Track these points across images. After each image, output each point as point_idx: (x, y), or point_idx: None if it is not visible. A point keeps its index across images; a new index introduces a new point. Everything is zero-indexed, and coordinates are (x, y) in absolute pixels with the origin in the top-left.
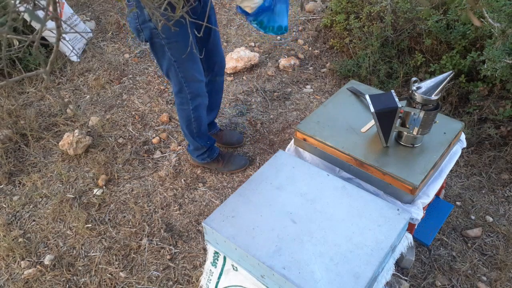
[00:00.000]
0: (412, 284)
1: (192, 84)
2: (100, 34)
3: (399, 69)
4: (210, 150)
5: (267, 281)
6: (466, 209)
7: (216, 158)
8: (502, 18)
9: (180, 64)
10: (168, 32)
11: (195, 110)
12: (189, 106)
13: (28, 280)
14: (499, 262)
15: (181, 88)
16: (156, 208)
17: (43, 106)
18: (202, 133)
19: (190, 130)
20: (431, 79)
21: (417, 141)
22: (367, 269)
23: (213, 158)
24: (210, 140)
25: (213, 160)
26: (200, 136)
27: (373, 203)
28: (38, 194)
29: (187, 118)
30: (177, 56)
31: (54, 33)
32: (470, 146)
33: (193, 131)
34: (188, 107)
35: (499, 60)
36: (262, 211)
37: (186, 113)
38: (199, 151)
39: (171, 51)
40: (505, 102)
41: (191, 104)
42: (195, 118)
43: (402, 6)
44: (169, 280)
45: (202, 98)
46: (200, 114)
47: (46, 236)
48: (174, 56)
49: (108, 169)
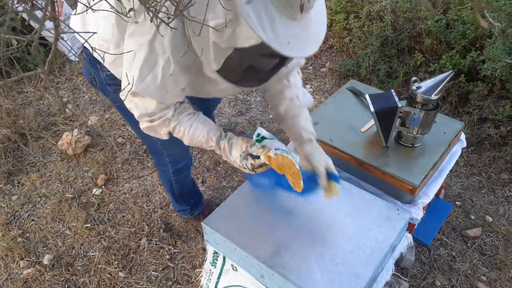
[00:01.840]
0: (412, 284)
1: (171, 147)
2: None
3: (399, 69)
4: (192, 208)
5: (266, 281)
6: (466, 209)
7: (198, 216)
8: (502, 18)
9: None
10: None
11: (176, 173)
12: (169, 168)
13: (27, 280)
14: (499, 262)
15: (157, 150)
16: (156, 207)
17: (42, 105)
18: (185, 194)
19: (171, 190)
20: (431, 79)
21: (417, 141)
22: (367, 269)
23: (194, 215)
24: (195, 198)
25: (194, 216)
26: (183, 198)
27: (373, 203)
28: (37, 194)
29: (167, 179)
30: None
31: (52, 33)
32: (470, 146)
33: (174, 192)
34: (167, 169)
35: (499, 59)
36: (262, 211)
37: (166, 174)
38: (180, 207)
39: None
40: (505, 102)
41: (170, 167)
42: (176, 181)
43: (402, 6)
44: (168, 280)
45: (186, 161)
46: (183, 177)
47: (45, 236)
48: None
49: (107, 169)
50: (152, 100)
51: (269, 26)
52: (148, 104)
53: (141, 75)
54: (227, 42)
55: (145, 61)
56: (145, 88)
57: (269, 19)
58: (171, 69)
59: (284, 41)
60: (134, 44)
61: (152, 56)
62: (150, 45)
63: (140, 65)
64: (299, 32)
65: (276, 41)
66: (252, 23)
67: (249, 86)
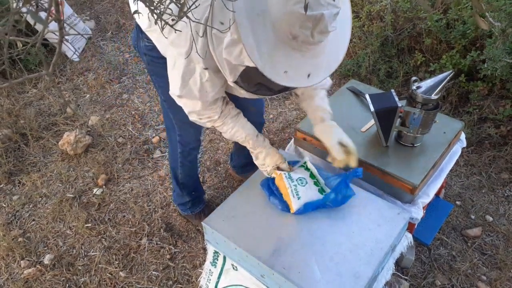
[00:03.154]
0: (412, 283)
1: (185, 129)
2: (99, 34)
3: (399, 69)
4: (193, 203)
5: (267, 280)
6: (466, 208)
7: (198, 214)
8: (502, 18)
9: (171, 105)
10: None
11: (184, 155)
12: (177, 148)
13: (28, 279)
14: (499, 261)
15: (170, 126)
16: (156, 207)
17: (42, 105)
18: (188, 184)
19: (175, 176)
20: (431, 79)
21: (417, 140)
22: (367, 269)
23: (194, 212)
24: (197, 191)
25: (195, 214)
26: (185, 186)
27: (373, 203)
28: (38, 194)
29: (174, 159)
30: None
31: (56, 34)
32: (470, 145)
33: (178, 177)
34: (176, 149)
35: (499, 59)
36: (262, 211)
37: (174, 154)
38: (181, 199)
39: (161, 89)
40: (505, 102)
41: (179, 146)
42: (181, 163)
43: (402, 6)
44: (169, 280)
45: (194, 149)
46: (190, 161)
47: (46, 236)
48: (164, 94)
49: (108, 169)
50: (196, 101)
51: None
52: (195, 103)
53: (183, 81)
54: (236, 60)
55: (185, 69)
56: (189, 92)
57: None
58: (206, 76)
59: (280, 70)
60: (175, 52)
61: (190, 64)
62: (187, 54)
63: (181, 73)
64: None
65: (271, 69)
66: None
67: (265, 95)
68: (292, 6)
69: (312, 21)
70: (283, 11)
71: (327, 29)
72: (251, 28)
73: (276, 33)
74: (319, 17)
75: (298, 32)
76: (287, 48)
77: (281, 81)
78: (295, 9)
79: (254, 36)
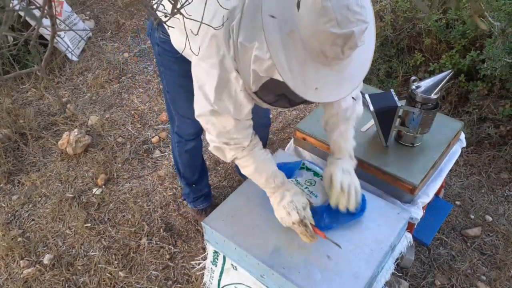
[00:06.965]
0: (412, 283)
1: (183, 121)
2: (99, 33)
3: (398, 69)
4: (195, 198)
5: (266, 280)
6: (466, 208)
7: (200, 211)
8: (502, 17)
9: (173, 97)
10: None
11: (181, 146)
12: (174, 138)
13: (27, 279)
14: (499, 261)
15: (172, 118)
16: (156, 207)
17: (42, 105)
18: (187, 175)
19: (176, 163)
20: (431, 78)
21: (416, 140)
22: (366, 269)
23: (197, 207)
24: (198, 185)
25: (196, 210)
26: (185, 177)
27: (373, 202)
28: (37, 194)
29: (174, 149)
30: (170, 87)
31: (48, 30)
32: (469, 145)
33: (179, 166)
34: (174, 138)
35: (498, 59)
36: (262, 211)
37: (173, 144)
38: (183, 190)
39: (165, 80)
40: (504, 101)
41: (176, 137)
42: (179, 153)
43: (401, 5)
44: (169, 280)
45: (191, 140)
46: (187, 153)
47: (45, 236)
48: (168, 85)
49: (108, 169)
50: (229, 117)
51: (298, 70)
52: (226, 122)
53: (217, 94)
54: (265, 72)
55: (219, 80)
56: (223, 107)
57: (300, 62)
58: (240, 84)
59: (311, 86)
60: (207, 66)
61: (224, 75)
62: (220, 65)
63: (215, 85)
64: (332, 76)
65: (302, 85)
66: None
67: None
68: (322, 25)
69: (343, 38)
70: (314, 30)
71: (357, 45)
72: (282, 45)
73: (306, 50)
74: (350, 35)
75: (328, 49)
76: (318, 64)
77: (312, 98)
78: (326, 27)
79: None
